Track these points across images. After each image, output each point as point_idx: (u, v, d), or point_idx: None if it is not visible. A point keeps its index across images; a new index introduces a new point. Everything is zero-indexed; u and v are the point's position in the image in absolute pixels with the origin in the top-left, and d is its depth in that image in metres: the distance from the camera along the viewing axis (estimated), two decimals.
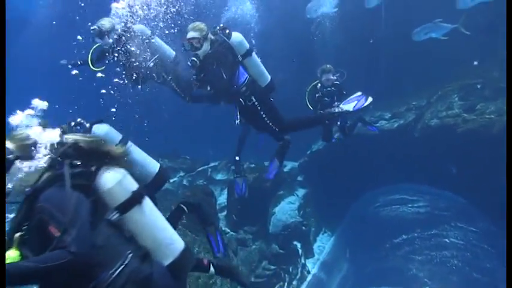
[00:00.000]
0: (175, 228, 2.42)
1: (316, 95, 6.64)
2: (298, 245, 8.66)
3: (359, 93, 5.62)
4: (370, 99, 5.49)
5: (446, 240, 7.81)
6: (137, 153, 3.16)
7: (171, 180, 9.27)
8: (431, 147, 8.15)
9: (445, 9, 8.35)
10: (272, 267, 7.81)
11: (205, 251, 6.44)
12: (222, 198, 9.16)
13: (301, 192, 10.89)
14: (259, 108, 4.60)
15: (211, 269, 3.14)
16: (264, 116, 4.64)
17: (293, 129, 5.19)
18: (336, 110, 5.42)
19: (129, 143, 3.09)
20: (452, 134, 7.78)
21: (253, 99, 4.53)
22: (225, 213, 8.64)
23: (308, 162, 10.55)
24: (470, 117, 7.76)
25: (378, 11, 10.02)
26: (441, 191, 8.61)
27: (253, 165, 10.93)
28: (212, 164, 10.26)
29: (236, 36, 4.39)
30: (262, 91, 4.69)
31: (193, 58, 4.22)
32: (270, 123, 4.71)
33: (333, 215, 10.36)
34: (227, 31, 4.38)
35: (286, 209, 9.54)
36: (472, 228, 7.73)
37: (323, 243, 9.91)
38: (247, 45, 4.46)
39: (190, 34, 4.23)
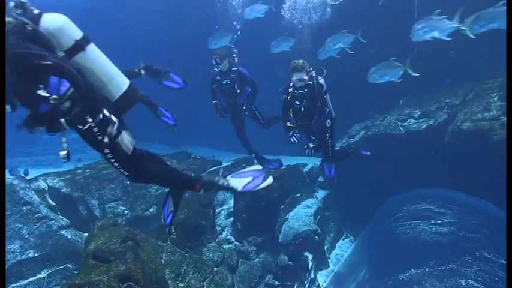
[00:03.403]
0: None
1: (283, 97, 5.60)
2: (310, 257, 8.03)
3: (258, 167, 3.88)
4: (269, 180, 3.64)
5: (463, 282, 6.28)
6: None
7: None
8: (463, 154, 7.11)
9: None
10: (276, 282, 7.27)
11: (194, 270, 6.05)
12: (232, 202, 8.66)
13: (321, 194, 10.16)
14: (99, 137, 2.77)
15: None
16: (107, 151, 2.85)
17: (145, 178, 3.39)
18: (220, 182, 3.58)
19: None
20: (487, 140, 6.68)
21: (90, 120, 2.72)
22: (231, 219, 8.16)
23: None
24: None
25: None
26: (476, 202, 7.52)
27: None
28: (225, 164, 9.77)
29: (51, 20, 2.66)
30: (111, 107, 2.91)
31: None
32: (116, 163, 2.95)
33: (357, 220, 9.60)
34: (35, 11, 2.63)
35: (301, 214, 8.89)
36: (502, 260, 6.12)
37: (342, 251, 9.18)
38: (77, 34, 2.75)
39: None
